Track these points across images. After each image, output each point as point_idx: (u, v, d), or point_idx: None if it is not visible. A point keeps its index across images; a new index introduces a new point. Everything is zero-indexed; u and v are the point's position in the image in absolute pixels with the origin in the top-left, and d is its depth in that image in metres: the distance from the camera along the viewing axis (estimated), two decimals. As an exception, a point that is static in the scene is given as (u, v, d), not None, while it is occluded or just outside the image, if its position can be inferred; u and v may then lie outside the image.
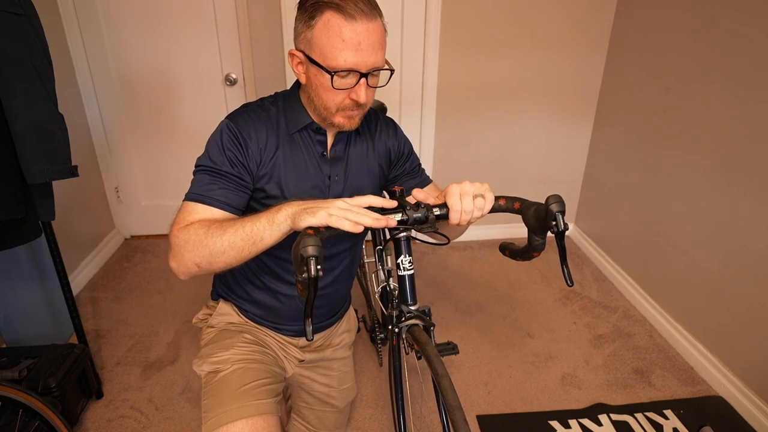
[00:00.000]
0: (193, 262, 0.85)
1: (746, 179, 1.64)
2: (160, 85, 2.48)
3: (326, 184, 1.03)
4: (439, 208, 0.85)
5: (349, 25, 0.83)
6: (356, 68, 0.86)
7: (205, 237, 0.83)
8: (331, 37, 0.84)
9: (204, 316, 1.21)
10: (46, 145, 1.31)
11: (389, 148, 1.13)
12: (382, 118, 1.14)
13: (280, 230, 0.81)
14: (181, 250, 0.86)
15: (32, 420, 1.27)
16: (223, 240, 0.82)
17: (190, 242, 0.85)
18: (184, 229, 0.87)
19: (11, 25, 1.22)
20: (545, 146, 2.67)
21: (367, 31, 0.84)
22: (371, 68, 0.87)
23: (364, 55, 0.85)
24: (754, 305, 1.63)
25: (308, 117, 1.00)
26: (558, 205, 0.74)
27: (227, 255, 0.83)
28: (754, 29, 1.59)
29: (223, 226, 0.84)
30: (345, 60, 0.85)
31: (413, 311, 1.05)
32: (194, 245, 0.84)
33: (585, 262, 2.65)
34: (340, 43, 0.84)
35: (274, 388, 1.05)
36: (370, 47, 0.85)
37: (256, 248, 0.82)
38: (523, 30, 2.38)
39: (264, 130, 0.98)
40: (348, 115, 0.94)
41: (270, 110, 1.01)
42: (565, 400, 1.73)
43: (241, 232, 0.82)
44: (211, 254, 0.83)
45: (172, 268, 0.88)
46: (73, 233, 2.31)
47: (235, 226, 0.82)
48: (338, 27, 0.83)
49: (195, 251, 0.84)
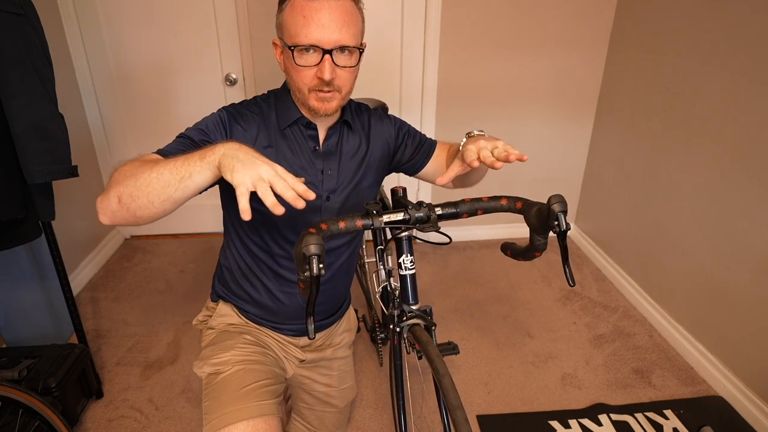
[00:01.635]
0: (115, 193, 0.75)
1: (746, 179, 1.64)
2: (161, 84, 2.48)
3: (319, 178, 1.03)
4: (441, 208, 0.85)
5: (311, 3, 0.86)
6: (318, 44, 0.87)
7: (138, 168, 0.75)
8: (294, 16, 0.87)
9: (204, 317, 1.21)
10: (46, 145, 1.31)
11: (386, 139, 1.13)
12: (373, 111, 1.15)
13: (210, 170, 0.72)
14: (110, 183, 0.77)
15: (32, 420, 1.27)
16: (152, 171, 0.73)
17: (122, 173, 0.77)
18: (124, 163, 0.80)
19: (11, 25, 1.22)
20: (545, 146, 2.67)
21: (329, 7, 0.86)
22: (335, 45, 0.88)
23: (327, 31, 0.87)
24: (754, 305, 1.63)
25: (298, 112, 1.01)
26: (560, 205, 0.74)
27: (152, 188, 0.72)
28: (754, 29, 1.59)
29: (157, 161, 0.76)
30: (306, 36, 0.87)
31: (414, 311, 1.05)
32: (123, 176, 0.76)
33: (585, 262, 2.65)
34: (302, 19, 0.86)
35: (275, 389, 1.05)
36: (332, 23, 0.87)
37: (183, 185, 0.72)
38: (523, 30, 2.38)
39: (255, 125, 0.99)
40: (320, 96, 0.94)
41: (262, 107, 1.02)
42: (565, 400, 1.73)
43: (172, 165, 0.73)
44: (136, 185, 0.73)
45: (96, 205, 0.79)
46: (73, 233, 2.31)
47: (168, 162, 0.74)
48: (300, 6, 0.87)
49: (121, 182, 0.75)
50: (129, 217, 0.76)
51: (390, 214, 0.83)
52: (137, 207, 0.74)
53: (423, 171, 1.16)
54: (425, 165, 1.16)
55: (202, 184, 0.74)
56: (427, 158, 1.15)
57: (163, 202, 0.73)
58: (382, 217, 0.82)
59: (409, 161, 1.16)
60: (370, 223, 0.80)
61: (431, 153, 1.15)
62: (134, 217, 0.76)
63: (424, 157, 1.15)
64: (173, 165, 0.73)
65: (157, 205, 0.74)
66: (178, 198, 0.74)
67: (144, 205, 0.74)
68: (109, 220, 0.78)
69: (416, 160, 1.16)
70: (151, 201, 0.73)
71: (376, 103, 1.82)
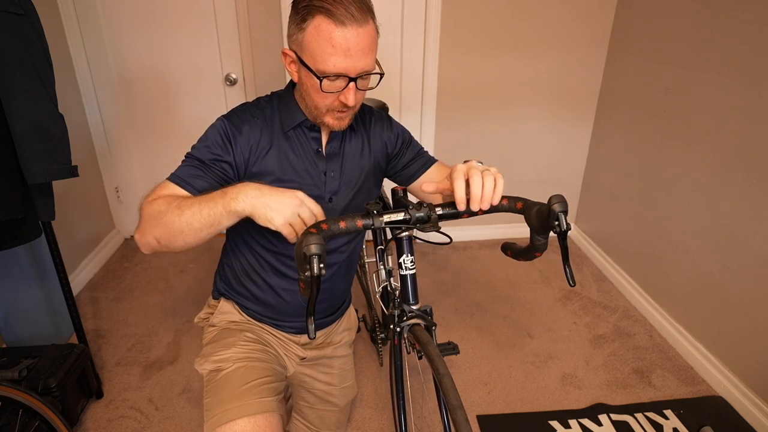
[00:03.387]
0: (153, 237, 0.85)
1: (746, 179, 1.64)
2: (161, 85, 2.48)
3: (322, 180, 1.04)
4: (442, 208, 0.85)
5: (339, 31, 0.83)
6: (345, 73, 0.87)
7: (165, 214, 0.83)
8: (321, 41, 0.84)
9: (206, 315, 1.21)
10: (46, 145, 1.31)
11: (385, 142, 1.13)
12: (376, 113, 1.15)
13: (237, 218, 0.81)
14: (144, 224, 0.87)
15: (32, 420, 1.27)
16: (181, 221, 0.82)
17: (153, 217, 0.85)
18: (150, 203, 0.87)
19: (11, 25, 1.22)
20: (545, 146, 2.67)
21: (357, 36, 0.84)
22: (360, 72, 0.88)
23: (354, 60, 0.86)
24: (754, 305, 1.63)
25: (302, 115, 1.01)
26: (560, 205, 0.74)
27: (186, 235, 0.83)
28: (755, 28, 1.59)
29: (182, 206, 0.83)
30: (334, 65, 0.85)
31: (415, 311, 1.05)
32: (155, 220, 0.84)
33: (585, 262, 2.65)
34: (330, 48, 0.84)
35: (276, 386, 1.05)
36: (359, 52, 0.85)
37: (214, 230, 0.83)
38: (523, 30, 2.38)
39: (258, 128, 0.99)
40: (337, 116, 0.96)
41: (265, 109, 1.02)
42: (565, 400, 1.73)
43: (198, 216, 0.81)
44: (170, 233, 0.83)
45: (135, 239, 0.89)
46: (73, 233, 2.31)
47: (192, 209, 0.82)
48: (328, 32, 0.83)
49: (156, 227, 0.85)
50: (169, 251, 0.89)
51: (390, 214, 0.83)
52: (175, 247, 0.86)
53: (415, 183, 1.16)
54: (418, 177, 1.15)
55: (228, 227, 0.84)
56: (422, 170, 1.15)
57: (197, 241, 0.85)
58: (382, 217, 0.82)
59: (404, 169, 1.16)
60: (371, 223, 0.80)
61: (427, 166, 1.15)
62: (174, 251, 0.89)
63: (418, 168, 1.15)
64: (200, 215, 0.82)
65: (192, 244, 0.85)
66: (208, 237, 0.85)
67: (181, 246, 0.86)
68: (150, 252, 0.90)
69: (411, 170, 1.16)
70: (187, 243, 0.85)
71: (376, 103, 1.82)
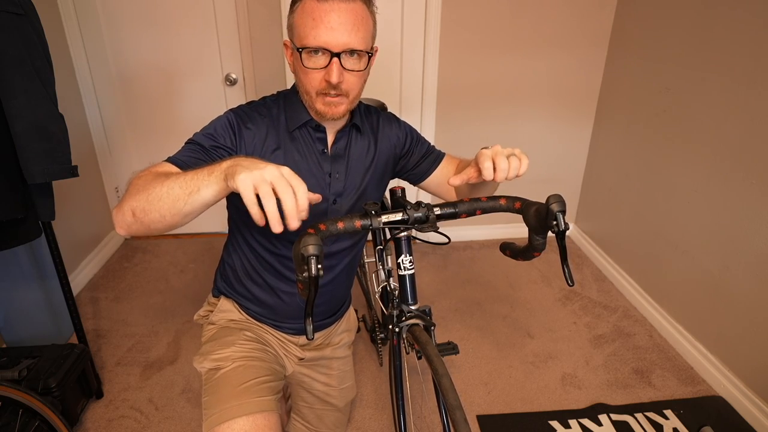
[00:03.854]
0: (129, 207, 0.77)
1: (746, 179, 1.64)
2: (161, 84, 2.48)
3: (327, 181, 1.04)
4: (440, 208, 0.85)
5: (321, 5, 0.85)
6: (326, 46, 0.87)
7: (150, 182, 0.78)
8: (304, 17, 0.87)
9: (205, 312, 1.21)
10: (46, 145, 1.31)
11: (393, 143, 1.13)
12: (383, 115, 1.15)
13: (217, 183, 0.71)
14: (125, 196, 0.80)
15: (32, 420, 1.27)
16: (163, 186, 0.75)
17: (135, 186, 0.80)
18: (138, 176, 0.83)
19: (11, 25, 1.22)
20: (545, 146, 2.67)
21: (339, 9, 0.86)
22: (344, 48, 0.88)
23: (335, 33, 0.86)
24: (754, 305, 1.63)
25: (307, 114, 1.01)
26: (559, 205, 0.74)
27: (163, 202, 0.74)
28: (755, 28, 1.59)
29: (169, 175, 0.78)
30: (315, 38, 0.87)
31: (414, 311, 1.05)
32: (137, 189, 0.78)
33: (585, 262, 2.65)
34: (311, 21, 0.86)
35: (275, 385, 1.05)
36: (341, 26, 0.86)
37: (191, 200, 0.72)
38: (523, 30, 2.38)
39: (265, 127, 0.99)
40: (328, 101, 0.94)
41: (272, 108, 1.02)
42: (565, 400, 1.73)
43: (182, 180, 0.74)
44: (148, 199, 0.75)
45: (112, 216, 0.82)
46: (73, 233, 2.31)
47: (180, 175, 0.75)
48: (311, 8, 0.86)
49: (135, 196, 0.78)
50: (143, 229, 0.79)
51: (389, 214, 0.83)
52: (150, 221, 0.76)
53: (427, 181, 1.17)
54: (430, 174, 1.16)
55: (210, 199, 0.73)
56: (432, 167, 1.16)
57: (173, 215, 0.75)
58: (380, 217, 0.82)
59: (414, 168, 1.17)
60: (369, 223, 0.80)
61: (437, 163, 1.16)
62: (148, 229, 0.78)
63: (429, 166, 1.16)
64: (183, 180, 0.74)
65: (168, 218, 0.75)
66: (187, 212, 0.74)
67: (156, 219, 0.76)
68: (125, 232, 0.80)
69: (422, 169, 1.16)
70: (162, 215, 0.75)
71: (374, 102, 1.82)
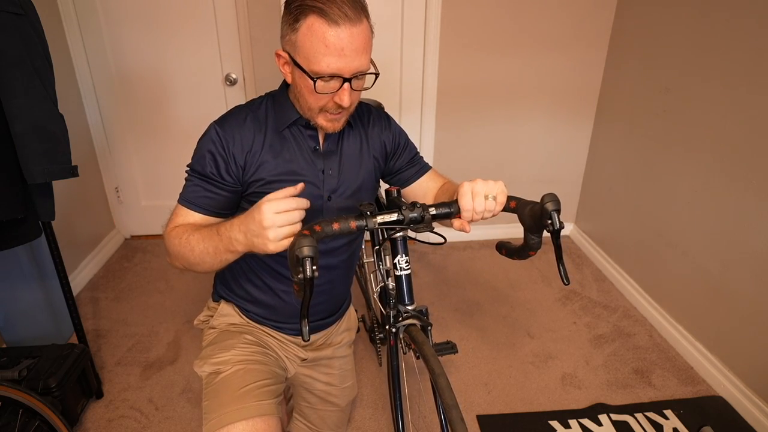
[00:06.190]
0: (180, 265, 0.96)
1: (746, 179, 1.64)
2: (161, 84, 2.49)
3: (320, 178, 1.03)
4: (435, 208, 0.85)
5: (332, 30, 0.82)
6: (339, 73, 0.86)
7: (181, 252, 0.92)
8: (314, 42, 0.83)
9: (205, 317, 1.21)
10: (46, 145, 1.31)
11: (383, 141, 1.13)
12: (375, 112, 1.14)
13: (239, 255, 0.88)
14: (170, 254, 0.97)
15: (32, 420, 1.27)
16: (195, 256, 0.90)
17: (173, 249, 0.94)
18: (169, 235, 0.96)
19: (11, 25, 1.22)
20: (545, 146, 2.67)
21: (350, 36, 0.83)
22: (355, 72, 0.87)
23: (348, 60, 0.85)
24: (754, 305, 1.62)
25: (296, 113, 1.00)
26: (553, 204, 0.74)
27: (205, 265, 0.92)
28: (754, 28, 1.58)
29: (191, 243, 0.91)
30: (328, 65, 0.84)
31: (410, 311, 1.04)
32: (176, 255, 0.94)
33: (585, 262, 2.65)
34: (323, 48, 0.83)
35: (275, 389, 1.05)
36: (353, 52, 0.84)
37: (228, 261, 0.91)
38: (523, 30, 2.38)
39: (250, 131, 0.98)
40: (330, 118, 0.95)
41: (258, 110, 1.01)
42: (565, 400, 1.73)
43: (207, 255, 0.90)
44: (191, 265, 0.93)
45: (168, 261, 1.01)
46: (73, 233, 2.32)
47: (200, 246, 0.89)
48: (321, 32, 0.82)
49: (178, 260, 0.95)
50: None
51: (384, 214, 0.83)
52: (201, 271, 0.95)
53: (407, 189, 1.17)
54: (412, 183, 1.16)
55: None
56: (416, 176, 1.16)
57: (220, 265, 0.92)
58: (375, 218, 0.82)
59: (399, 173, 1.16)
60: (364, 224, 0.80)
61: (420, 174, 1.16)
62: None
63: (413, 174, 1.16)
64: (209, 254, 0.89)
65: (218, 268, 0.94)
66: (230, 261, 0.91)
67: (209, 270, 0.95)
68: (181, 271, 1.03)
69: (406, 175, 1.16)
70: (205, 270, 0.94)
71: (372, 103, 1.82)
